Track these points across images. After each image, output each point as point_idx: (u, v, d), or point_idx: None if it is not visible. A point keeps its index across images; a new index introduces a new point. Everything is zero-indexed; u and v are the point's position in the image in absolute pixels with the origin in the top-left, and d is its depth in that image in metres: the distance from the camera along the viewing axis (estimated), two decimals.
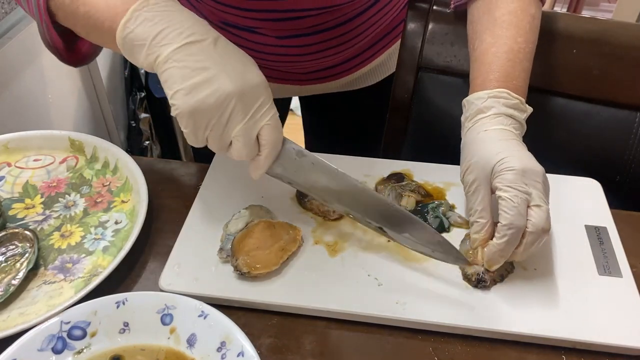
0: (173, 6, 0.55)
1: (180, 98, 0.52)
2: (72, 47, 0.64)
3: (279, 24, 0.74)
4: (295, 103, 1.10)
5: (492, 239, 0.56)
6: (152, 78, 0.58)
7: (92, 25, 0.57)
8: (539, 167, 0.57)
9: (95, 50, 0.67)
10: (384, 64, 0.92)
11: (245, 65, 0.54)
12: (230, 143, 0.55)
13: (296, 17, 0.73)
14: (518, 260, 0.58)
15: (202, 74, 0.52)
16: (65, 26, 0.61)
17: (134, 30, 0.53)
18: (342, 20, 0.76)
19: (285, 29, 0.75)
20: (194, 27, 0.53)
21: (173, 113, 0.53)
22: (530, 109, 0.63)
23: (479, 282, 0.57)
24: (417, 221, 0.58)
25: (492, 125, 0.60)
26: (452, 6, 0.77)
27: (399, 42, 0.90)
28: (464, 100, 0.64)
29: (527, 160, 0.57)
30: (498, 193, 0.56)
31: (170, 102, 0.53)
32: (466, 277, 0.58)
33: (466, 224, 0.64)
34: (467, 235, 0.60)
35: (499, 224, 0.55)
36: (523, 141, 0.61)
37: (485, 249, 0.57)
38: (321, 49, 0.79)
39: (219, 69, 0.52)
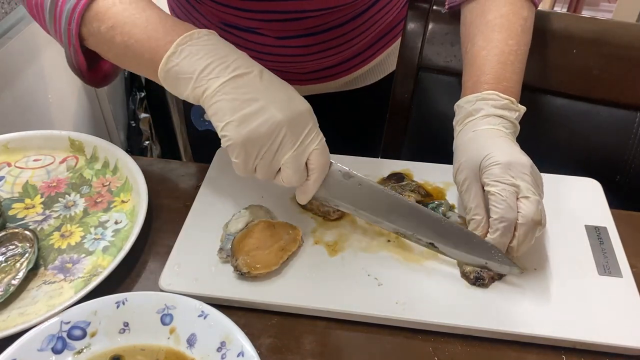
0: (215, 39, 0.56)
1: (232, 129, 0.53)
2: (93, 66, 0.65)
3: (280, 25, 0.74)
4: None
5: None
6: (194, 112, 0.58)
7: (130, 55, 0.58)
8: (524, 159, 0.58)
9: (116, 70, 0.68)
10: (383, 63, 0.92)
11: (291, 95, 0.55)
12: (279, 170, 0.56)
13: (297, 18, 0.73)
14: (516, 256, 0.58)
15: (251, 105, 0.53)
16: (93, 50, 0.61)
17: (178, 63, 0.54)
18: (342, 20, 0.76)
19: (285, 29, 0.75)
20: (239, 60, 0.55)
21: (224, 144, 0.54)
22: (523, 108, 0.63)
23: (477, 280, 0.57)
24: (469, 234, 0.58)
25: (481, 126, 0.61)
26: (446, 6, 0.77)
27: (398, 41, 0.90)
28: (455, 105, 0.65)
29: (512, 153, 0.58)
30: (487, 188, 0.57)
31: (221, 134, 0.54)
32: (464, 275, 0.58)
33: (466, 223, 0.64)
34: None
35: (490, 219, 0.56)
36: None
37: None
38: (321, 49, 0.79)
39: (267, 99, 0.53)
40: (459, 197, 0.67)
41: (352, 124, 1.00)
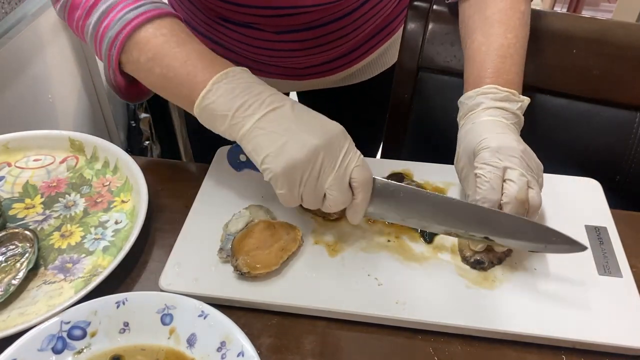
0: (249, 77, 0.58)
1: (272, 161, 0.54)
2: (131, 81, 0.66)
3: (277, 20, 0.74)
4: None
5: None
6: (230, 155, 0.59)
7: (168, 87, 0.60)
8: (515, 144, 0.58)
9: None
10: (381, 57, 0.92)
11: (322, 120, 0.57)
12: (325, 196, 0.56)
13: (295, 13, 0.73)
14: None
15: (286, 134, 0.54)
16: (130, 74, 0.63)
17: (215, 101, 0.56)
18: (339, 15, 0.76)
19: (283, 24, 0.75)
20: (272, 96, 0.56)
21: (267, 177, 0.55)
22: (526, 99, 0.64)
23: (477, 264, 0.58)
24: (521, 220, 0.57)
25: (481, 118, 0.62)
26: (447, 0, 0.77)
27: (395, 35, 0.90)
28: (458, 102, 0.67)
29: (504, 139, 0.59)
30: (475, 171, 0.58)
31: (262, 168, 0.55)
32: (464, 259, 0.58)
33: None
34: None
35: (475, 200, 0.57)
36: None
37: None
38: (319, 43, 0.79)
39: (301, 128, 0.55)
40: (459, 197, 0.67)
41: (351, 119, 1.00)
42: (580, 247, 0.56)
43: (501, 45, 0.65)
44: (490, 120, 0.61)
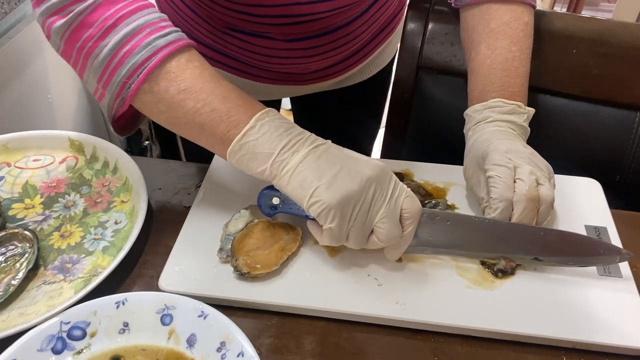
0: (285, 119, 0.57)
1: (324, 192, 0.52)
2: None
3: (288, 28, 0.74)
4: (284, 100, 1.08)
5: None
6: (261, 199, 0.57)
7: (198, 122, 0.56)
8: (522, 148, 0.60)
9: (137, 123, 0.66)
10: (378, 57, 0.92)
11: (363, 156, 0.56)
12: (372, 232, 0.55)
13: (307, 20, 0.72)
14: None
15: (335, 168, 0.53)
16: (136, 106, 0.58)
17: (258, 139, 0.54)
18: (348, 20, 0.76)
19: (294, 32, 0.75)
20: (313, 136, 0.56)
21: (317, 211, 0.53)
22: (531, 110, 0.66)
23: (501, 272, 0.58)
24: (569, 235, 0.58)
25: (488, 128, 0.64)
26: (453, 3, 0.77)
27: (392, 35, 0.90)
28: (464, 114, 0.68)
29: (512, 143, 0.61)
30: (487, 174, 0.59)
31: (311, 201, 0.53)
32: (486, 266, 0.59)
33: None
34: None
35: (490, 199, 0.58)
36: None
37: None
38: (326, 50, 0.79)
39: (349, 162, 0.54)
40: (459, 197, 0.67)
41: (347, 119, 1.01)
42: (627, 255, 0.57)
43: (506, 59, 0.67)
44: (497, 129, 0.63)
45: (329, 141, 0.56)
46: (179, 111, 0.56)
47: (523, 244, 0.58)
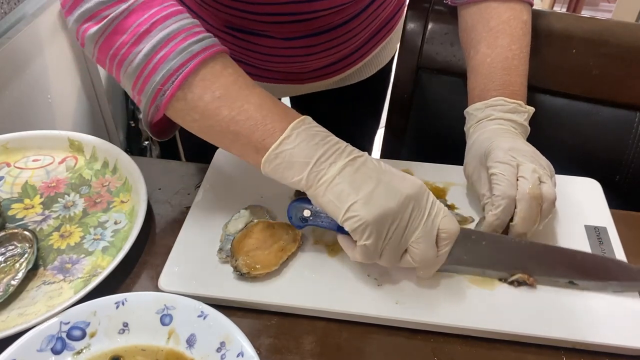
0: (321, 127, 0.56)
1: (361, 208, 0.51)
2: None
3: (288, 26, 0.74)
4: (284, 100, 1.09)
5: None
6: (292, 210, 0.55)
7: (233, 131, 0.55)
8: (524, 147, 0.60)
9: (174, 127, 0.65)
10: (378, 56, 0.92)
11: (400, 172, 0.55)
12: (405, 251, 0.54)
13: (306, 18, 0.72)
14: (526, 235, 0.58)
15: (373, 183, 0.52)
16: (169, 115, 0.57)
17: (295, 147, 0.53)
18: (348, 18, 0.76)
19: (294, 30, 0.75)
20: (349, 147, 0.55)
21: (354, 225, 0.51)
22: (531, 109, 0.66)
23: (518, 284, 0.57)
24: (609, 261, 0.57)
25: (490, 126, 0.64)
26: (449, 1, 0.77)
27: (392, 34, 0.90)
28: (465, 112, 0.68)
29: (515, 141, 0.61)
30: (490, 171, 0.59)
31: (347, 215, 0.51)
32: (502, 279, 0.58)
33: (464, 221, 0.64)
34: (482, 219, 0.60)
35: (493, 196, 0.58)
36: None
37: (484, 222, 0.59)
38: (326, 48, 0.79)
39: (386, 178, 0.53)
40: (459, 197, 0.67)
41: (346, 118, 1.01)
42: None
43: (506, 58, 0.67)
44: (499, 128, 0.63)
45: (366, 153, 0.55)
46: (213, 119, 0.55)
47: (557, 266, 0.57)
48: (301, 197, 0.57)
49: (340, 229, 0.54)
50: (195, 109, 0.55)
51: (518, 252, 0.58)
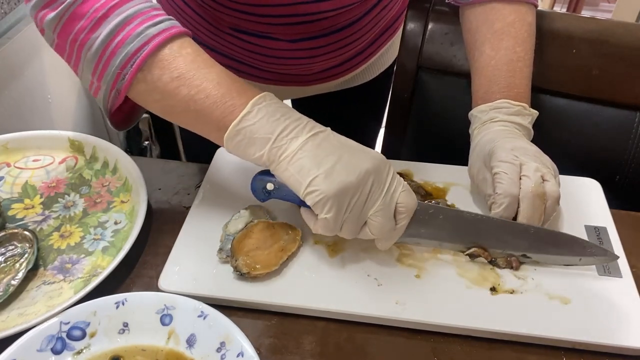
0: (282, 103, 0.56)
1: (322, 182, 0.52)
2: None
3: (292, 28, 0.73)
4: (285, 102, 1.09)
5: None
6: (254, 184, 0.55)
7: (193, 110, 0.55)
8: (528, 146, 0.61)
9: (135, 115, 0.66)
10: (381, 58, 0.92)
11: (363, 146, 0.56)
12: (365, 223, 0.55)
13: (310, 20, 0.72)
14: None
15: (334, 157, 0.53)
16: (131, 97, 0.58)
17: (255, 123, 0.53)
18: (352, 19, 0.76)
19: (299, 32, 0.74)
20: (312, 122, 0.55)
21: (313, 200, 0.52)
22: (535, 112, 0.66)
23: (508, 266, 0.59)
24: (556, 234, 0.58)
25: (494, 127, 0.64)
26: (453, 1, 0.77)
27: (395, 36, 0.90)
28: (469, 114, 0.68)
29: (518, 142, 0.61)
30: (493, 171, 0.59)
31: (309, 189, 0.52)
32: (492, 263, 0.59)
33: None
34: None
35: (495, 195, 0.59)
36: None
37: None
38: (330, 50, 0.79)
39: (348, 152, 0.54)
40: (459, 197, 0.67)
41: (347, 120, 1.01)
42: (613, 257, 0.57)
43: (511, 60, 0.67)
44: (503, 129, 0.64)
45: (328, 128, 0.56)
46: (173, 99, 0.55)
47: (511, 240, 0.58)
48: (265, 170, 0.57)
49: (303, 202, 0.55)
50: (156, 89, 0.56)
51: (474, 227, 0.59)
